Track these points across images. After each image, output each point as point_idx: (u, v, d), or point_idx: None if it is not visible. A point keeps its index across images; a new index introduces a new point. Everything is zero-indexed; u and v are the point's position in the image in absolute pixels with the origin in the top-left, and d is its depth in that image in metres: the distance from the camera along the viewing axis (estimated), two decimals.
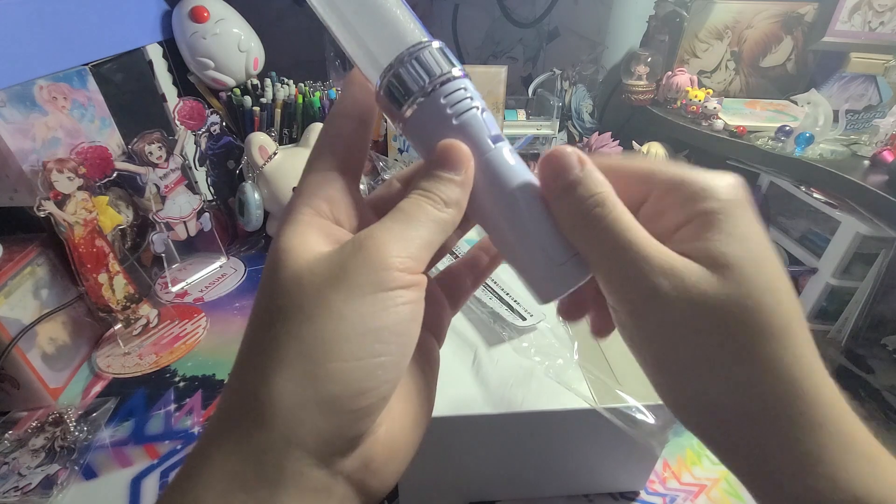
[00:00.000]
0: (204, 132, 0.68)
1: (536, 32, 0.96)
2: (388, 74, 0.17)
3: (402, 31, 0.17)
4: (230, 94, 0.75)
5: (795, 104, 0.68)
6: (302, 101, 0.75)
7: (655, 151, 0.81)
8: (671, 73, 0.84)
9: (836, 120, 0.64)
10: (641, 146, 0.82)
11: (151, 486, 0.41)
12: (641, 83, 0.84)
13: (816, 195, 0.61)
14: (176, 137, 0.63)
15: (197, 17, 0.69)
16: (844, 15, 0.80)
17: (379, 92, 0.18)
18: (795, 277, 0.62)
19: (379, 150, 0.78)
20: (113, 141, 0.60)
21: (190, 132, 0.66)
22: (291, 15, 0.88)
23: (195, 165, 0.69)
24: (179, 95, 0.73)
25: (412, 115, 0.18)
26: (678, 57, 0.86)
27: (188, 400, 0.50)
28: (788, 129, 0.66)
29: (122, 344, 0.55)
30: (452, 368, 0.37)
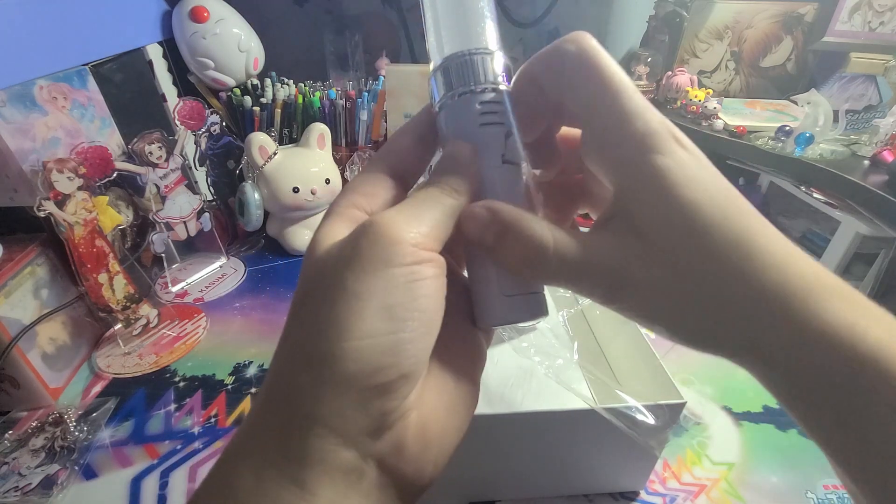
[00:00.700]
0: (204, 132, 0.68)
1: (536, 32, 0.96)
2: (443, 63, 0.19)
3: (475, 33, 0.19)
4: (230, 94, 0.75)
5: (795, 104, 0.68)
6: (302, 101, 0.75)
7: None
8: (671, 72, 0.84)
9: (836, 120, 0.64)
10: None
11: (151, 486, 0.41)
12: (641, 83, 0.84)
13: (816, 195, 0.61)
14: (176, 137, 0.63)
15: (197, 17, 0.69)
16: (844, 15, 0.80)
17: (435, 73, 0.19)
18: None
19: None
20: (113, 141, 0.60)
21: (190, 132, 0.66)
22: (291, 15, 0.88)
23: (195, 165, 0.69)
24: (179, 95, 0.73)
25: (443, 108, 0.19)
26: (678, 57, 0.86)
27: (188, 400, 0.50)
28: (788, 129, 0.66)
29: (122, 344, 0.55)
30: None
